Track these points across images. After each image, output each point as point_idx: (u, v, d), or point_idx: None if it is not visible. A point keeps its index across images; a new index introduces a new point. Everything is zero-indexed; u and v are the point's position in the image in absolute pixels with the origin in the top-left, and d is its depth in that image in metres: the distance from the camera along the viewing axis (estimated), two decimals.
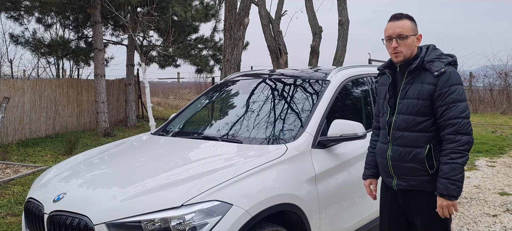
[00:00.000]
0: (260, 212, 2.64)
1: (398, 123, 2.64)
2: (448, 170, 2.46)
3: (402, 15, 2.65)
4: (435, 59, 2.58)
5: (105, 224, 2.49)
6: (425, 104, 2.54)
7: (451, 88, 2.49)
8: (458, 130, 2.46)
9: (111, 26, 14.35)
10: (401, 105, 2.63)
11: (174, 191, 2.60)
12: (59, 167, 3.46)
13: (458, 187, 2.47)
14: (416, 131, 2.58)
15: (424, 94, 2.54)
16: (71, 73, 16.49)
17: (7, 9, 12.28)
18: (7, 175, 6.74)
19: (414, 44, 2.62)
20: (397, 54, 2.61)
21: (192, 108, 4.34)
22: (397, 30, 2.59)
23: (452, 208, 2.50)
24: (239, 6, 8.26)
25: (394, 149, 2.67)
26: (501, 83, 18.09)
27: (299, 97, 3.74)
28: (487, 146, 9.64)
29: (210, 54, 15.19)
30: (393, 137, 2.67)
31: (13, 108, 9.90)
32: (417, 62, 2.59)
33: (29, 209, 2.95)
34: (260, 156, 2.98)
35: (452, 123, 2.47)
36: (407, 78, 2.64)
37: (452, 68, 2.57)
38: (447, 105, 2.48)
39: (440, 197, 2.50)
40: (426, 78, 2.55)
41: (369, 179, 2.96)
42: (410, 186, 2.65)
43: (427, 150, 2.55)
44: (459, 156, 2.45)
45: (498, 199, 5.74)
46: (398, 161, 2.66)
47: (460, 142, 2.46)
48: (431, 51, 2.63)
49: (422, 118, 2.56)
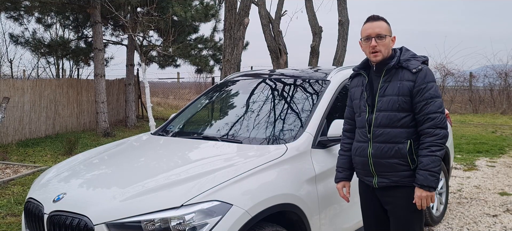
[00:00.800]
0: (260, 212, 2.64)
1: (379, 120, 2.70)
2: (428, 162, 2.56)
3: (379, 17, 2.76)
4: (411, 58, 2.71)
5: (105, 224, 2.49)
6: (405, 100, 2.64)
7: (428, 85, 2.61)
8: (437, 124, 2.58)
9: (111, 26, 14.35)
10: (381, 102, 2.70)
11: (174, 191, 2.60)
12: (59, 167, 3.46)
13: (436, 179, 2.57)
14: (398, 127, 2.66)
15: (404, 90, 2.64)
16: (71, 73, 16.49)
17: (7, 9, 12.28)
18: (7, 175, 6.74)
19: (390, 44, 2.74)
20: (376, 54, 2.70)
21: (192, 109, 4.34)
22: (376, 30, 2.69)
23: (429, 199, 2.60)
24: (239, 6, 8.26)
25: (375, 146, 2.72)
26: (501, 83, 18.08)
27: (299, 97, 3.74)
28: (487, 146, 9.64)
29: (210, 54, 15.18)
30: (374, 134, 2.72)
31: (13, 108, 9.90)
32: (395, 60, 2.70)
33: (29, 209, 2.95)
34: (260, 156, 2.97)
35: (432, 117, 2.58)
36: (384, 77, 2.72)
37: (427, 67, 2.72)
38: (426, 100, 2.60)
39: (419, 188, 2.59)
40: (405, 76, 2.66)
41: (342, 181, 2.98)
42: (392, 182, 2.71)
43: (408, 145, 2.64)
44: (438, 149, 2.57)
45: (498, 199, 5.74)
46: (380, 158, 2.71)
47: (438, 135, 2.58)
48: (405, 52, 2.76)
49: (403, 113, 2.65)
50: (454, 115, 16.04)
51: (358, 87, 2.87)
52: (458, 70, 19.07)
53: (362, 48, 2.79)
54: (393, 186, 2.72)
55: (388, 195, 2.77)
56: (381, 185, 2.76)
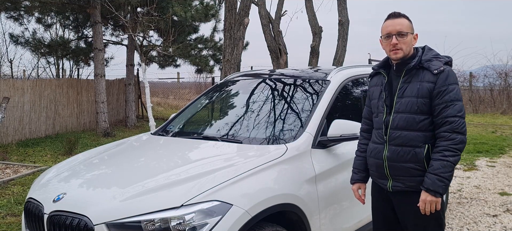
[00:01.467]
0: (260, 212, 2.64)
1: (396, 122, 2.60)
2: (439, 166, 2.45)
3: (400, 13, 2.66)
4: (433, 59, 2.59)
5: (105, 224, 2.49)
6: (424, 102, 2.53)
7: (449, 87, 2.50)
8: (454, 128, 2.46)
9: (111, 26, 14.35)
10: (399, 104, 2.60)
11: (174, 191, 2.60)
12: (59, 167, 3.46)
13: (445, 185, 2.46)
14: (416, 130, 2.55)
15: (423, 92, 2.53)
16: (71, 73, 16.49)
17: (7, 9, 12.28)
18: (7, 175, 6.74)
19: (412, 42, 2.63)
20: (397, 51, 2.59)
21: (192, 109, 4.34)
22: (397, 27, 2.59)
23: (435, 205, 2.49)
24: (239, 6, 8.26)
25: (391, 149, 2.62)
26: (501, 83, 18.09)
27: (299, 97, 3.74)
28: (487, 146, 9.64)
29: (210, 54, 15.19)
30: (391, 136, 2.62)
31: (13, 108, 9.90)
32: (416, 61, 2.59)
33: (29, 209, 2.95)
34: (260, 156, 2.97)
35: (450, 120, 2.47)
36: (404, 77, 2.62)
37: (450, 68, 2.58)
38: (445, 103, 2.48)
39: (425, 191, 2.49)
40: (425, 77, 2.55)
41: (357, 183, 2.91)
42: (407, 187, 2.60)
43: (426, 150, 2.53)
44: (451, 154, 2.46)
45: (498, 199, 5.73)
46: (395, 161, 2.61)
47: (454, 140, 2.46)
48: (428, 52, 2.65)
49: (422, 116, 2.55)
50: None
51: (377, 87, 2.77)
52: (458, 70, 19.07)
53: (382, 46, 2.69)
54: (409, 192, 2.60)
55: (403, 202, 2.66)
56: (395, 189, 2.65)
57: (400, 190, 2.64)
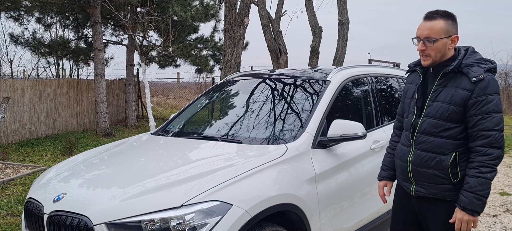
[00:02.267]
0: (260, 212, 2.63)
1: (424, 126, 2.48)
2: (476, 184, 2.31)
3: (437, 13, 2.44)
4: (474, 64, 2.39)
5: (105, 224, 2.49)
6: (457, 111, 2.37)
7: (488, 98, 2.31)
8: (491, 143, 2.31)
9: (111, 26, 14.35)
10: (430, 108, 2.47)
11: (174, 191, 2.60)
12: (59, 167, 3.46)
13: (483, 203, 2.33)
14: (443, 137, 2.42)
15: (457, 99, 2.37)
16: (71, 73, 16.50)
17: (7, 9, 12.28)
18: (7, 175, 6.74)
19: (446, 47, 2.42)
20: (425, 58, 2.45)
21: (192, 109, 4.34)
22: (425, 32, 2.42)
23: (471, 224, 2.37)
24: (239, 6, 8.26)
25: (416, 153, 2.52)
26: (501, 83, 18.11)
27: (299, 98, 3.74)
28: None
29: (210, 54, 15.19)
30: (417, 140, 2.51)
31: (13, 108, 9.90)
32: (455, 64, 2.40)
33: (29, 209, 2.94)
34: (260, 156, 2.97)
35: (486, 135, 2.31)
36: (440, 80, 2.46)
37: (491, 76, 2.37)
38: (482, 115, 2.31)
39: (461, 210, 2.35)
40: (462, 83, 2.37)
41: (384, 180, 2.83)
42: (430, 194, 2.51)
43: (452, 158, 2.40)
44: (488, 171, 2.31)
45: (498, 199, 5.73)
46: (419, 166, 2.51)
47: (491, 155, 2.31)
48: (470, 55, 2.45)
49: (452, 124, 2.40)
50: None
51: (412, 85, 2.63)
52: None
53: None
54: (432, 198, 2.51)
55: (425, 208, 2.57)
56: (418, 194, 2.56)
57: (422, 196, 2.55)
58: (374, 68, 4.41)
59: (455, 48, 2.50)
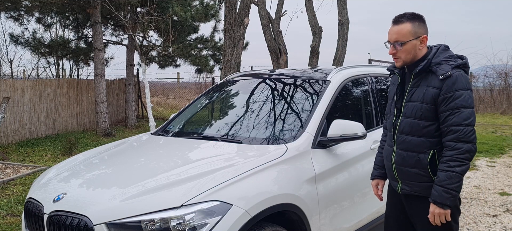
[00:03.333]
0: (260, 212, 2.63)
1: (402, 126, 2.57)
2: (444, 178, 2.38)
3: (404, 17, 2.52)
4: (443, 62, 2.46)
5: (105, 224, 2.49)
6: (429, 108, 2.45)
7: (456, 93, 2.37)
8: (460, 138, 2.36)
9: (111, 26, 14.35)
10: (406, 108, 2.55)
11: (174, 191, 2.60)
12: (59, 167, 3.46)
13: (452, 196, 2.39)
14: (420, 136, 2.49)
15: (428, 97, 2.45)
16: (71, 73, 16.50)
17: (7, 9, 12.28)
18: (7, 175, 6.74)
19: (416, 48, 2.50)
20: (396, 60, 2.56)
21: (192, 109, 4.34)
22: (393, 36, 2.51)
23: (444, 217, 2.43)
24: (239, 6, 8.26)
25: (398, 153, 2.60)
26: (501, 83, 18.11)
27: (299, 98, 3.74)
28: (487, 146, 9.64)
29: (210, 54, 15.19)
30: (398, 140, 2.60)
31: (13, 108, 9.90)
32: (423, 64, 2.48)
33: (29, 209, 2.95)
34: (260, 156, 2.97)
35: (454, 129, 2.37)
36: (414, 80, 2.55)
37: (460, 72, 2.43)
38: (451, 111, 2.38)
39: (433, 204, 2.43)
40: (432, 81, 2.45)
41: (376, 179, 2.90)
42: (414, 191, 2.58)
43: (430, 156, 2.47)
44: (457, 164, 2.36)
45: (498, 199, 5.74)
46: (402, 166, 2.59)
47: (460, 150, 2.36)
48: (440, 53, 2.51)
49: (426, 122, 2.47)
50: None
51: (393, 87, 2.72)
52: None
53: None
54: (417, 196, 2.58)
55: (412, 205, 2.64)
56: (404, 192, 2.64)
57: (408, 193, 2.62)
58: (374, 68, 4.41)
59: (429, 47, 2.57)
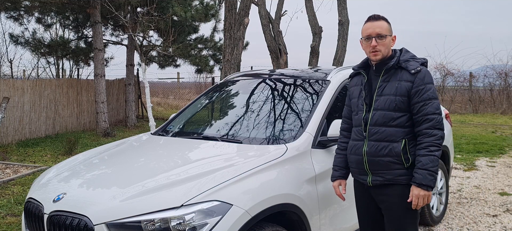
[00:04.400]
0: (260, 212, 2.64)
1: (375, 119, 2.74)
2: (427, 161, 2.60)
3: (380, 16, 2.78)
4: (410, 59, 2.74)
5: (105, 224, 2.49)
6: (402, 100, 2.67)
7: (427, 86, 2.65)
8: (435, 125, 2.62)
9: (111, 26, 14.35)
10: (378, 102, 2.74)
11: (174, 191, 2.60)
12: (59, 167, 3.46)
13: (434, 178, 2.61)
14: (393, 126, 2.70)
15: (402, 90, 2.67)
16: (71, 73, 16.49)
17: (7, 9, 12.28)
18: (7, 175, 6.74)
19: (390, 44, 2.77)
20: (376, 53, 2.73)
21: (192, 109, 4.34)
22: (376, 30, 2.72)
23: (426, 198, 2.63)
24: (239, 6, 8.25)
25: (370, 144, 2.76)
26: (501, 83, 18.09)
27: (299, 97, 3.74)
28: (487, 146, 9.64)
29: (210, 54, 15.18)
30: (370, 132, 2.76)
31: (13, 108, 9.90)
32: (394, 60, 2.73)
33: (29, 209, 2.95)
34: (260, 156, 2.97)
35: (429, 118, 2.62)
36: (383, 76, 2.76)
37: (426, 69, 2.74)
38: (424, 102, 2.64)
39: (417, 186, 2.62)
40: (403, 76, 2.69)
41: (338, 180, 3.00)
42: (386, 180, 2.74)
43: (403, 144, 2.67)
44: (436, 149, 2.62)
45: (498, 199, 5.74)
46: (374, 156, 2.74)
47: (436, 135, 2.62)
48: (405, 53, 2.79)
49: (399, 113, 2.69)
50: (454, 115, 16.04)
51: (357, 86, 2.90)
52: (458, 70, 19.09)
53: (362, 47, 2.82)
54: (388, 184, 2.75)
55: (382, 193, 2.79)
56: (375, 183, 2.78)
57: (379, 184, 2.77)
58: None
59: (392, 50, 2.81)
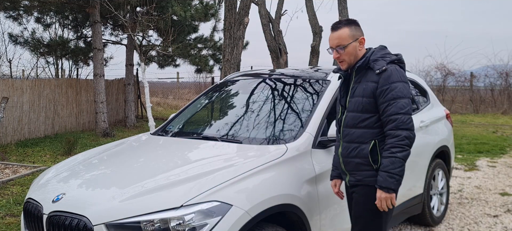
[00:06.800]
0: (260, 212, 2.63)
1: (346, 120, 2.76)
2: (388, 163, 2.56)
3: (340, 23, 2.75)
4: (379, 58, 2.69)
5: (104, 225, 2.48)
6: (369, 102, 2.66)
7: (392, 86, 2.59)
8: (399, 126, 2.56)
9: (110, 26, 14.33)
10: (350, 103, 2.75)
11: (173, 191, 2.59)
12: (58, 167, 3.45)
13: (396, 180, 2.57)
14: (362, 127, 2.69)
15: (367, 92, 2.66)
16: (70, 73, 16.47)
17: (6, 9, 12.26)
18: (6, 175, 6.72)
19: (356, 49, 2.72)
20: (342, 63, 2.76)
21: (191, 109, 4.32)
22: (335, 42, 2.72)
23: (390, 201, 2.60)
24: (239, 6, 8.24)
25: (344, 146, 2.79)
26: (502, 83, 18.09)
27: (299, 97, 3.72)
28: (488, 146, 9.63)
29: (210, 54, 15.17)
30: (343, 134, 2.80)
31: (12, 108, 9.88)
32: (362, 61, 2.71)
33: (28, 209, 2.94)
34: (260, 156, 2.96)
35: (393, 119, 2.57)
36: (355, 77, 2.77)
37: (395, 67, 2.67)
38: (388, 102, 2.59)
39: (379, 189, 2.60)
40: (370, 77, 2.67)
41: (334, 179, 3.02)
42: (357, 181, 2.75)
43: (371, 146, 2.66)
44: (399, 150, 2.55)
45: (499, 200, 5.72)
46: (347, 157, 2.77)
47: (400, 136, 2.55)
48: (378, 51, 2.74)
49: (367, 114, 2.67)
50: (454, 115, 16.04)
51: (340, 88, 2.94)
52: (459, 70, 19.09)
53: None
54: (359, 185, 2.76)
55: (354, 194, 2.82)
56: (350, 183, 2.82)
57: (353, 184, 2.80)
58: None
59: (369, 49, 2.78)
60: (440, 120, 4.90)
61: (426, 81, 14.58)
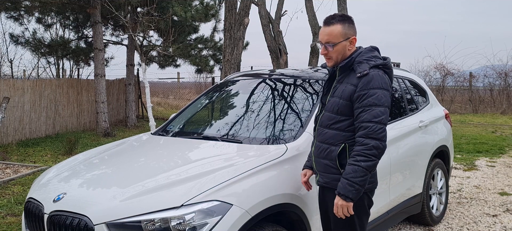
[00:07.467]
0: (260, 212, 2.64)
1: (322, 120, 2.70)
2: (350, 171, 2.46)
3: (334, 18, 2.60)
4: (364, 61, 2.56)
5: (105, 224, 2.49)
6: (345, 104, 2.56)
7: (370, 91, 2.47)
8: (369, 134, 2.44)
9: (111, 26, 14.35)
10: (329, 103, 2.67)
11: (174, 191, 2.60)
12: (59, 167, 3.46)
13: (355, 190, 2.45)
14: (334, 129, 2.61)
15: (346, 94, 2.56)
16: (71, 73, 16.49)
17: (7, 9, 12.28)
18: (7, 175, 6.74)
19: (346, 48, 2.60)
20: (328, 60, 2.66)
21: (192, 109, 4.34)
22: (325, 37, 2.59)
23: (346, 209, 2.49)
24: (239, 6, 8.26)
25: (316, 145, 2.74)
26: (501, 83, 18.10)
27: (299, 97, 3.74)
28: (487, 146, 9.64)
29: (210, 54, 15.18)
30: (317, 132, 2.74)
31: (13, 108, 9.90)
32: (346, 62, 2.60)
33: (29, 209, 2.95)
34: (260, 156, 2.97)
35: (364, 126, 2.46)
36: (338, 77, 2.67)
37: (377, 72, 2.53)
38: (363, 108, 2.48)
39: (337, 195, 2.51)
40: (352, 79, 2.56)
41: (305, 169, 2.92)
42: (325, 183, 2.69)
43: (340, 149, 2.57)
44: (363, 159, 2.44)
45: (498, 199, 5.74)
46: (318, 157, 2.71)
47: (367, 145, 2.44)
48: (365, 53, 2.62)
49: (341, 117, 2.58)
50: (454, 115, 16.05)
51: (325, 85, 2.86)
52: (458, 70, 19.10)
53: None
54: (327, 188, 2.69)
55: (323, 195, 2.77)
56: (319, 183, 2.77)
57: (321, 185, 2.75)
58: None
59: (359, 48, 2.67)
60: (439, 120, 4.92)
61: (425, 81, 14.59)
